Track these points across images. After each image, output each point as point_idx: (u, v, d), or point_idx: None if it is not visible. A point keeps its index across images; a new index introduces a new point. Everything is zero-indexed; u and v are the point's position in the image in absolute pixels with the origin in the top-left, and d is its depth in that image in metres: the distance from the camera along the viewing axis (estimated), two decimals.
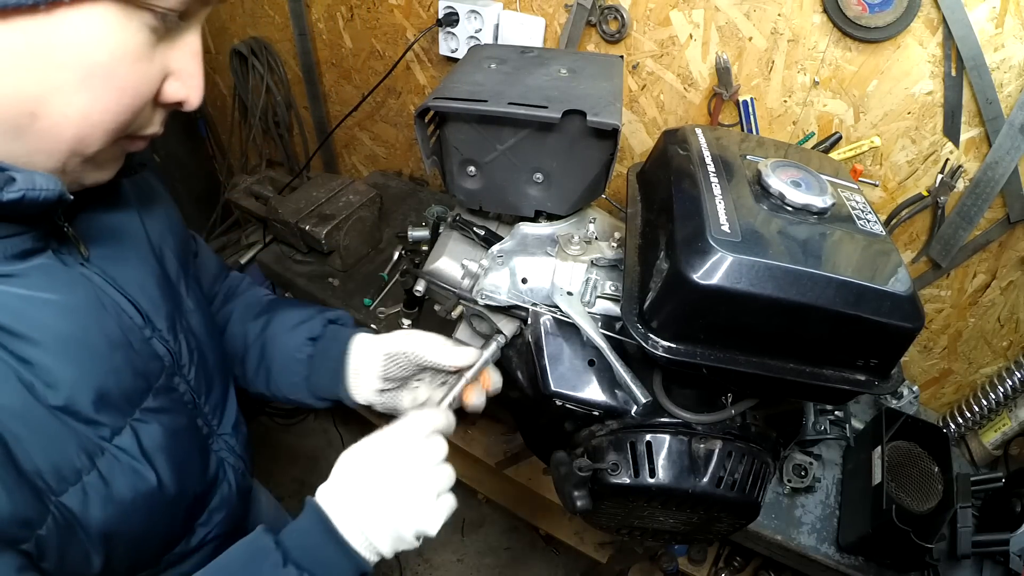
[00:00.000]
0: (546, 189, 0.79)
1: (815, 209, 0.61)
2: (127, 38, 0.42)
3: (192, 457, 0.63)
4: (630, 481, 0.69)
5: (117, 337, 0.53)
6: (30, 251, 0.47)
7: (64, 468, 0.47)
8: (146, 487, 0.54)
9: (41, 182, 0.42)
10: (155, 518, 0.56)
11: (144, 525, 0.55)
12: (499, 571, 1.92)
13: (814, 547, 1.12)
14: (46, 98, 0.40)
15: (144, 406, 0.55)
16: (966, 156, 1.09)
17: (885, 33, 1.01)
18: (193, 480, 0.62)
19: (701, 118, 1.29)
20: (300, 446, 2.16)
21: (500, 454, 1.66)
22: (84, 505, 0.48)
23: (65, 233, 0.51)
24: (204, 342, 0.67)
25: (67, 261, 0.51)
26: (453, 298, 0.86)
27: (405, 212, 1.75)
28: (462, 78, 0.80)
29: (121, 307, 0.55)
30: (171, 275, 0.64)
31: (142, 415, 0.54)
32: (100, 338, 0.51)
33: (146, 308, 0.58)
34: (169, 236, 0.67)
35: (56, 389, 0.47)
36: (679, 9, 1.19)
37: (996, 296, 1.21)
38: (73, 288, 0.50)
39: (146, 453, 0.54)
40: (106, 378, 0.51)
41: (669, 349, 0.59)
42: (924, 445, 1.17)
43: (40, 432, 0.45)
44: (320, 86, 1.85)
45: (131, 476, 0.53)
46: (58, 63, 0.40)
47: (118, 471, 0.51)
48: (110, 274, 0.55)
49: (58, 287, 0.49)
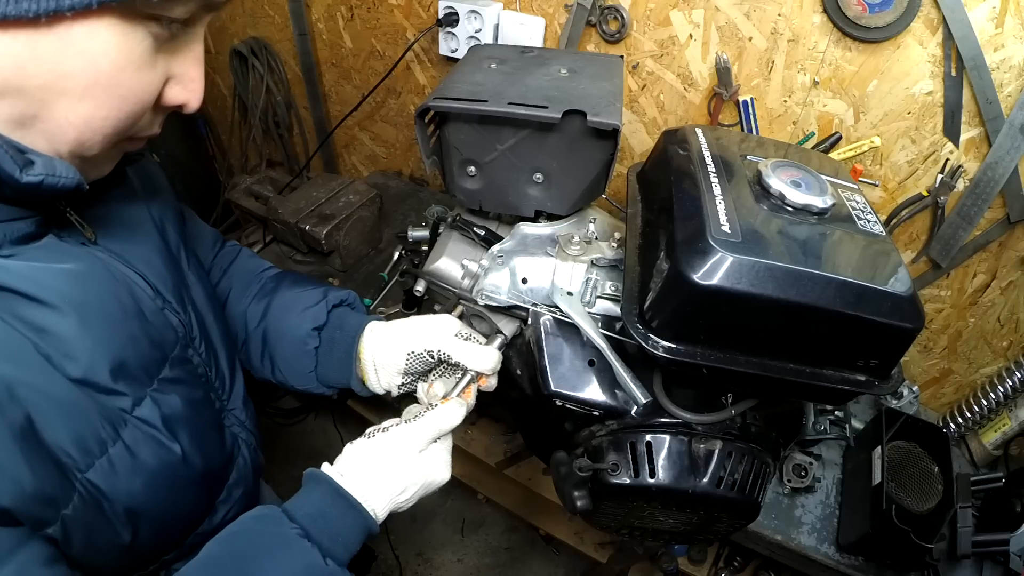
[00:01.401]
0: (546, 189, 0.79)
1: (815, 209, 0.61)
2: (130, 48, 0.42)
3: (210, 430, 0.62)
4: (630, 481, 0.69)
5: (131, 306, 0.53)
6: (32, 235, 0.47)
7: (89, 440, 0.46)
8: (171, 458, 0.53)
9: (61, 169, 0.42)
10: (180, 492, 0.56)
11: (169, 500, 0.54)
12: (499, 571, 1.92)
13: (814, 547, 1.12)
14: (49, 103, 0.41)
15: (162, 376, 0.54)
16: (966, 156, 1.09)
17: (885, 33, 1.01)
18: (212, 454, 0.61)
19: (701, 118, 1.29)
20: (300, 446, 2.16)
21: (500, 454, 1.66)
22: (111, 478, 0.48)
23: (67, 218, 0.51)
24: (207, 316, 0.67)
25: (70, 243, 0.51)
26: (453, 298, 0.86)
27: (405, 212, 1.75)
28: (462, 78, 0.80)
29: (131, 279, 0.55)
30: (173, 249, 0.65)
31: (160, 386, 0.54)
32: (115, 306, 0.51)
33: (154, 281, 0.58)
34: (169, 211, 0.67)
35: (75, 359, 0.46)
36: (679, 9, 1.19)
37: (996, 296, 1.21)
38: (82, 259, 0.50)
39: (168, 424, 0.53)
40: (124, 347, 0.50)
41: (669, 349, 0.59)
42: (924, 445, 1.17)
43: (62, 405, 0.45)
44: (320, 86, 1.85)
45: (156, 447, 0.52)
46: (62, 72, 0.40)
47: (142, 442, 0.51)
48: (116, 251, 0.55)
49: (68, 259, 0.49)
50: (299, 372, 0.78)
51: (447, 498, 2.03)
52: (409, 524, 1.94)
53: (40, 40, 0.38)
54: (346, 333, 0.77)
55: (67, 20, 0.38)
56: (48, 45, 0.38)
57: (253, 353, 0.80)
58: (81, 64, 0.40)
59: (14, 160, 0.40)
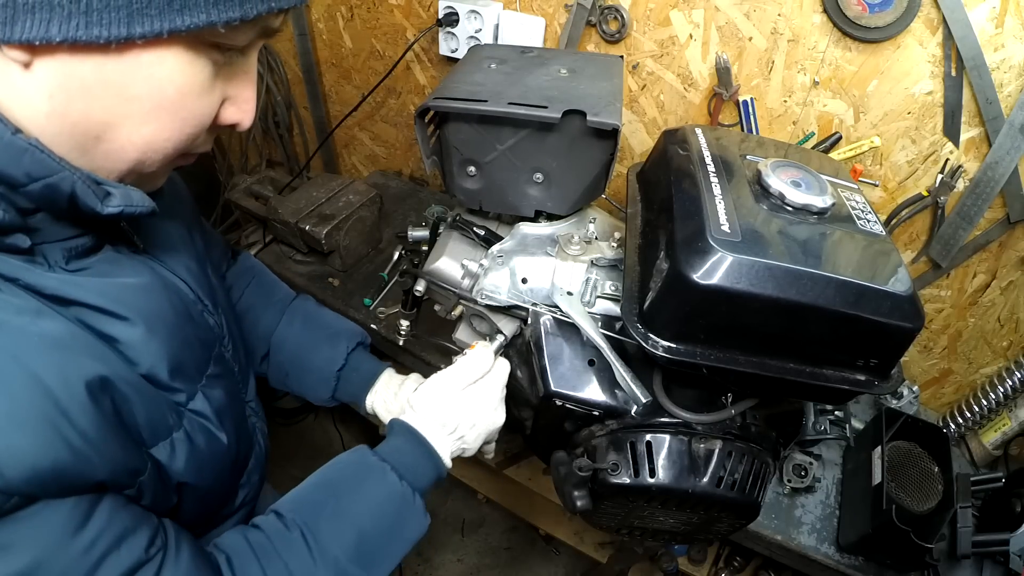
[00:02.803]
0: (546, 189, 0.79)
1: (815, 209, 0.61)
2: (194, 74, 0.44)
3: (242, 422, 0.69)
4: (630, 481, 0.69)
5: (183, 312, 0.58)
6: (93, 248, 0.50)
7: (159, 426, 0.52)
8: (219, 447, 0.59)
9: (137, 199, 0.46)
10: (221, 475, 0.61)
11: (212, 481, 0.60)
12: (499, 571, 1.92)
13: (814, 547, 1.12)
14: (113, 125, 0.43)
15: (208, 373, 0.60)
16: (966, 156, 1.09)
17: (885, 33, 1.01)
18: (244, 442, 0.68)
19: (701, 118, 1.29)
20: (300, 445, 2.16)
21: (500, 454, 1.66)
22: (171, 458, 0.53)
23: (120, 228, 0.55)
24: (228, 317, 0.72)
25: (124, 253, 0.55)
26: (453, 298, 0.86)
27: (405, 212, 1.75)
28: (462, 78, 0.80)
29: (177, 286, 0.60)
30: (201, 255, 0.69)
31: (208, 382, 0.59)
32: (171, 313, 0.56)
33: (194, 286, 0.62)
34: (193, 219, 0.73)
35: (138, 364, 0.50)
36: (679, 9, 1.19)
37: (996, 296, 1.21)
38: (141, 272, 0.54)
39: (217, 415, 0.59)
40: (181, 349, 0.55)
41: (669, 349, 0.59)
42: (924, 445, 1.16)
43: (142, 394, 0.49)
44: (320, 86, 1.85)
45: (207, 436, 0.57)
46: (128, 96, 0.42)
47: (198, 430, 0.56)
48: (161, 259, 0.59)
49: (130, 272, 0.53)
50: (316, 397, 0.88)
51: (447, 498, 2.03)
52: None
53: (109, 65, 0.40)
54: (362, 375, 0.87)
55: (137, 47, 0.39)
56: (116, 70, 0.40)
57: (274, 374, 0.89)
58: (147, 89, 0.42)
59: (95, 194, 0.44)
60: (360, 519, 0.62)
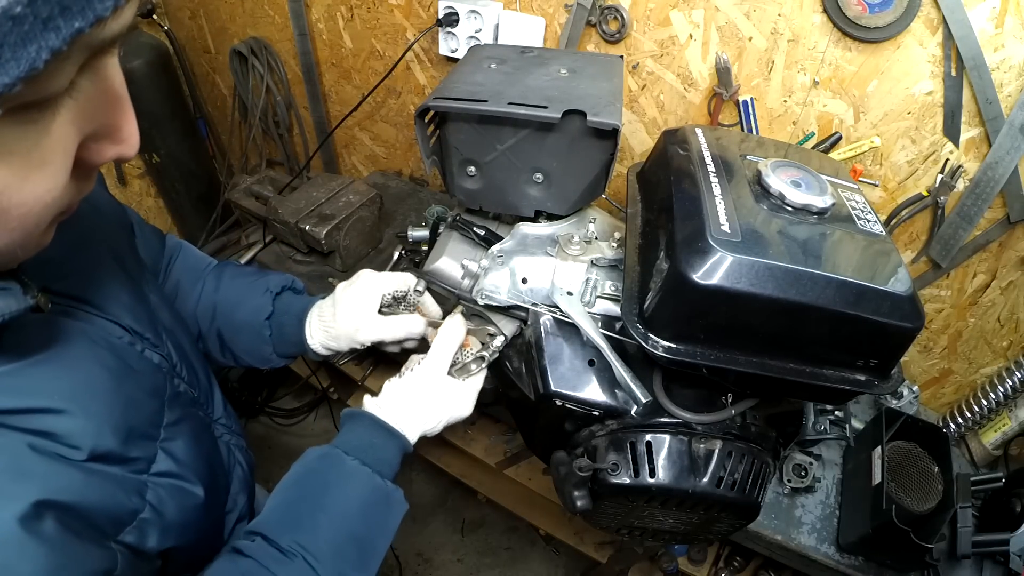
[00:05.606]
0: (546, 189, 0.79)
1: (815, 209, 0.61)
2: None
3: (215, 454, 0.65)
4: (630, 481, 0.69)
5: (118, 367, 0.52)
6: None
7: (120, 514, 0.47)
8: (196, 501, 0.56)
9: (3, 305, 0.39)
10: (203, 526, 0.59)
11: (195, 536, 0.57)
12: (499, 571, 1.92)
13: (814, 547, 1.12)
14: None
15: (165, 423, 0.55)
16: (966, 156, 1.09)
17: (885, 33, 1.01)
18: (219, 476, 0.66)
19: (701, 118, 1.29)
20: (300, 446, 2.16)
21: (500, 454, 1.66)
22: (141, 539, 0.49)
23: None
24: (177, 333, 0.67)
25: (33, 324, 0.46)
26: (453, 298, 0.86)
27: (405, 212, 1.75)
28: (462, 78, 0.80)
29: (108, 331, 0.53)
30: (134, 276, 0.63)
31: (167, 433, 0.55)
32: (105, 376, 0.50)
33: (128, 322, 0.56)
34: (120, 234, 0.66)
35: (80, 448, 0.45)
36: (679, 9, 1.19)
37: (996, 296, 1.21)
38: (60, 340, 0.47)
39: (187, 466, 0.55)
40: (126, 412, 0.50)
41: (669, 349, 0.59)
42: (924, 445, 1.17)
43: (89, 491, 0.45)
44: (320, 86, 1.85)
45: (179, 496, 0.54)
46: None
47: (166, 496, 0.52)
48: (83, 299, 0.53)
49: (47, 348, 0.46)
50: (259, 357, 0.85)
51: (447, 498, 2.03)
52: (409, 524, 1.94)
53: None
54: (292, 317, 0.83)
55: None
56: None
57: (212, 347, 0.85)
58: None
59: None
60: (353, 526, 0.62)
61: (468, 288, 0.81)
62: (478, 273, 0.79)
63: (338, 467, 0.64)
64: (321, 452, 0.66)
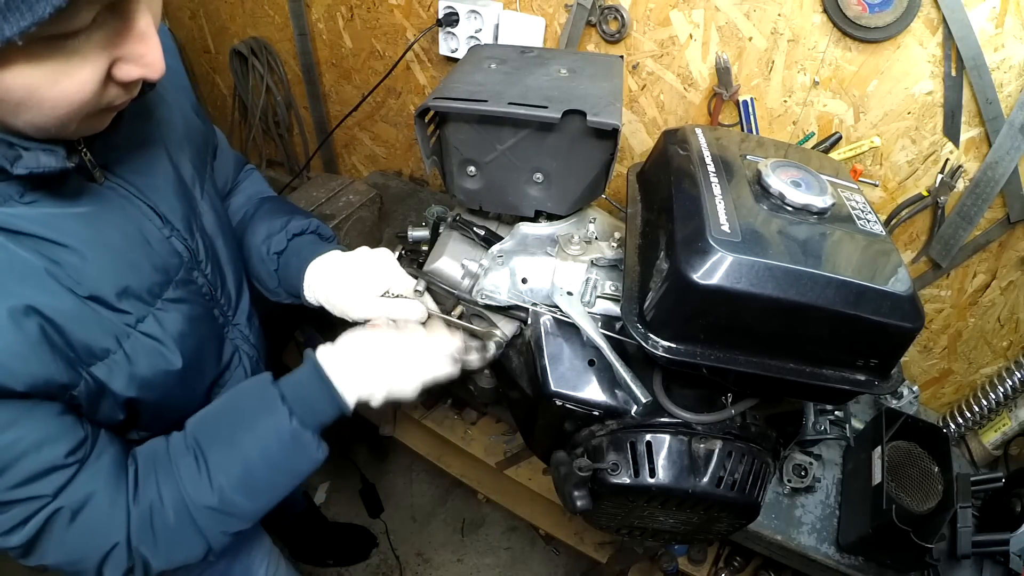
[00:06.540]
0: (546, 189, 0.79)
1: (815, 209, 0.61)
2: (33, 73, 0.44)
3: (209, 343, 0.73)
4: (630, 481, 0.69)
5: (136, 237, 0.62)
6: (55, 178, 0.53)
7: (94, 348, 0.57)
8: (167, 366, 0.64)
9: (45, 161, 0.50)
10: (173, 392, 0.66)
11: (162, 397, 0.65)
12: (499, 571, 1.91)
13: (814, 547, 1.12)
14: None
15: (165, 296, 0.64)
16: (966, 156, 1.09)
17: (885, 33, 1.01)
18: (210, 364, 0.74)
19: (701, 118, 1.29)
20: None
21: (500, 454, 1.66)
22: (109, 377, 0.59)
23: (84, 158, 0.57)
24: (216, 240, 0.76)
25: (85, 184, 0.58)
26: (453, 298, 0.86)
27: (405, 212, 1.75)
28: (462, 78, 0.80)
29: (142, 212, 0.64)
30: (187, 180, 0.72)
31: (163, 305, 0.64)
32: (118, 239, 0.60)
33: (164, 211, 0.66)
34: (186, 144, 0.74)
35: (82, 284, 0.55)
36: (679, 9, 1.19)
37: (996, 296, 1.21)
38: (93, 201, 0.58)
39: (169, 337, 0.64)
40: (128, 273, 0.60)
41: (669, 349, 0.59)
42: (924, 445, 1.16)
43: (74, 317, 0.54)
44: (320, 86, 1.85)
45: (154, 357, 0.62)
46: None
47: (142, 352, 0.61)
48: (133, 183, 0.63)
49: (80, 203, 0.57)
50: (268, 287, 0.89)
51: (447, 498, 2.03)
52: (409, 524, 1.94)
53: None
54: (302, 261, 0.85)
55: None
56: None
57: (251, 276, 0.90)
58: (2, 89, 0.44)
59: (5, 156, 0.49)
60: (249, 452, 0.65)
61: (468, 288, 0.81)
62: (478, 273, 0.79)
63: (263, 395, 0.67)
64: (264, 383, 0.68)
